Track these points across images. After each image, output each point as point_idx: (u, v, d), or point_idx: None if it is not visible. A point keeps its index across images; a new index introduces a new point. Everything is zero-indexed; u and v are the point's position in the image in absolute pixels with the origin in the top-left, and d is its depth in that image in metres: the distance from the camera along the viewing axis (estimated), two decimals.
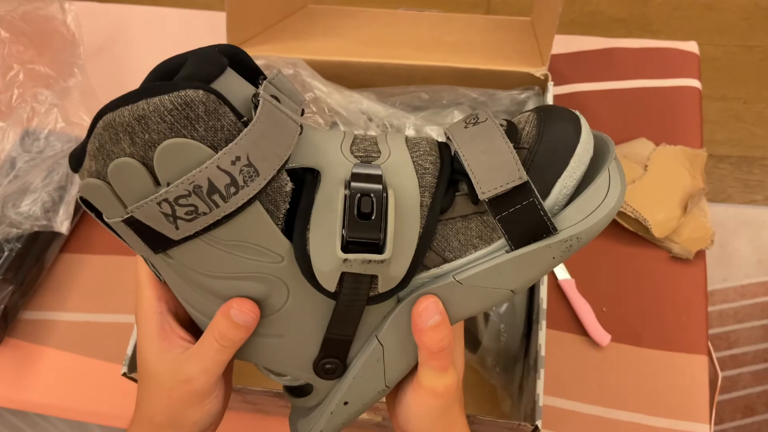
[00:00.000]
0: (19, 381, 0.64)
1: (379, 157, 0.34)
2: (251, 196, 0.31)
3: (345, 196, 0.32)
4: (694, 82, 0.75)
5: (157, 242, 0.32)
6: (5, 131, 0.64)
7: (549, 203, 0.33)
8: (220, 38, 0.65)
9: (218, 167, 0.29)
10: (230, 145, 0.29)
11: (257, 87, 0.32)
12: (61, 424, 1.21)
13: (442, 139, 0.38)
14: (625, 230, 0.67)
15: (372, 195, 0.32)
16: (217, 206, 0.30)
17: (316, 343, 0.36)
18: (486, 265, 0.34)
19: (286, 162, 0.32)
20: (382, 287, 0.33)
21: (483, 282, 0.34)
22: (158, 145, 0.29)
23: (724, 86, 1.45)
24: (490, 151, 0.33)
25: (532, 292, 0.56)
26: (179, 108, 0.29)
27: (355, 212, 0.32)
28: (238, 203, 0.30)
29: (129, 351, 0.51)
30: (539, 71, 0.62)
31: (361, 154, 0.34)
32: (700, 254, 0.66)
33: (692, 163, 0.69)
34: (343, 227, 0.31)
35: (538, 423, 0.47)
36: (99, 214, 0.33)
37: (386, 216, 0.32)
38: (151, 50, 0.81)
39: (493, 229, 0.34)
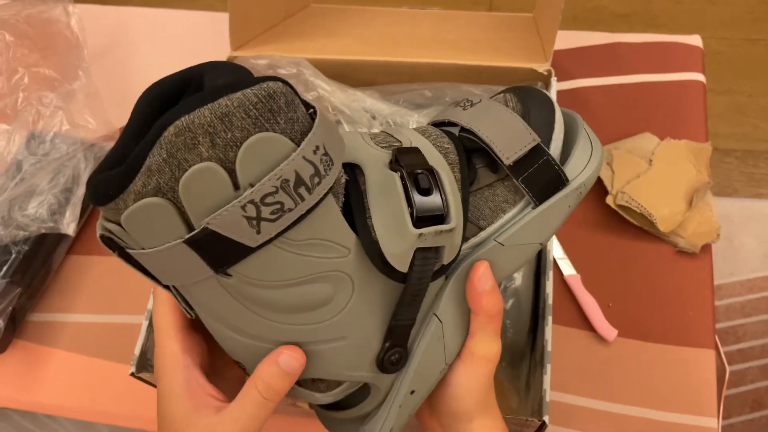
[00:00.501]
0: (28, 382, 0.65)
1: (402, 144, 0.36)
2: (331, 184, 0.30)
3: (401, 176, 0.33)
4: (699, 76, 0.75)
5: (224, 257, 0.29)
6: (11, 134, 0.64)
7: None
8: (223, 39, 0.65)
9: (304, 158, 0.29)
10: (310, 134, 0.29)
11: None
12: (69, 424, 1.21)
13: None
14: (630, 225, 0.67)
15: (427, 171, 0.33)
16: (303, 199, 0.29)
17: (380, 337, 0.35)
18: (519, 224, 0.37)
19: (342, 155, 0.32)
20: (447, 258, 0.34)
21: (519, 239, 0.37)
22: (240, 143, 0.28)
23: (728, 80, 1.44)
24: (502, 122, 0.37)
25: (538, 287, 0.56)
26: (264, 101, 0.28)
27: (416, 190, 0.33)
28: (320, 194, 0.30)
29: (137, 351, 0.51)
30: (542, 67, 0.62)
31: (384, 145, 0.36)
32: (706, 248, 0.66)
33: (697, 157, 0.69)
34: (409, 206, 0.32)
35: (546, 418, 0.47)
36: (121, 250, 0.32)
37: (443, 187, 0.33)
38: (154, 52, 0.81)
39: (515, 191, 0.37)
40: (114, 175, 0.28)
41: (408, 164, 0.33)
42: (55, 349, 0.66)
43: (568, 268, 0.65)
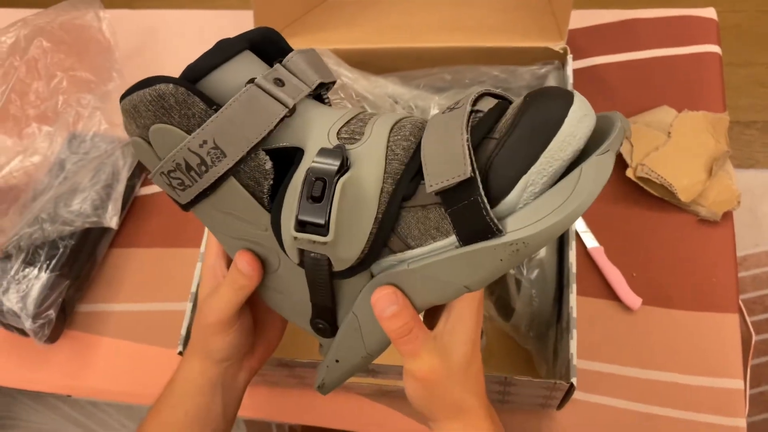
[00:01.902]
0: (80, 369, 0.68)
1: (359, 139, 0.35)
2: (220, 174, 0.35)
3: (304, 178, 0.34)
4: (714, 48, 0.76)
5: (177, 198, 0.38)
6: (53, 135, 0.68)
7: (509, 201, 0.32)
8: None
9: (189, 149, 0.35)
10: (197, 130, 0.35)
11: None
12: (110, 409, 1.26)
13: None
14: (651, 196, 0.68)
15: (324, 179, 0.34)
16: (196, 181, 0.36)
17: (309, 305, 0.40)
18: (437, 257, 0.34)
19: (260, 143, 0.35)
20: (336, 267, 0.36)
21: (435, 273, 0.34)
22: (149, 128, 0.35)
23: (747, 52, 1.43)
24: (445, 141, 0.33)
25: (561, 257, 0.58)
26: (155, 100, 0.34)
27: (308, 195, 0.34)
28: (210, 180, 0.36)
29: (183, 332, 0.54)
30: (558, 45, 0.64)
31: (345, 137, 0.36)
32: (728, 215, 0.67)
33: (715, 127, 0.70)
34: (297, 208, 0.34)
35: (573, 381, 0.49)
36: None
37: (332, 201, 0.33)
38: (181, 51, 0.84)
39: (447, 221, 0.34)
40: None
41: (314, 168, 0.34)
42: (103, 337, 0.69)
43: (591, 241, 0.67)
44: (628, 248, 0.66)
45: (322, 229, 0.34)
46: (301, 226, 0.34)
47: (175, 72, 0.37)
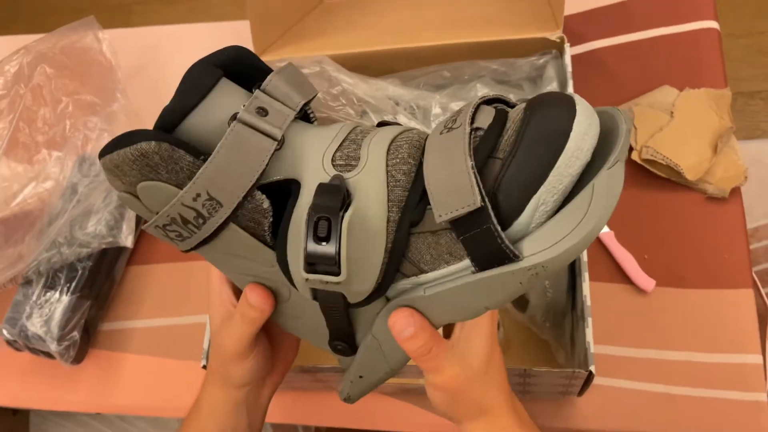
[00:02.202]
0: (107, 387, 0.70)
1: (356, 165, 0.34)
2: (220, 223, 0.34)
3: (307, 218, 0.33)
4: (712, 24, 0.76)
5: (178, 245, 0.37)
6: (63, 160, 0.69)
7: (521, 222, 0.31)
8: (246, 45, 0.68)
9: (182, 204, 0.34)
10: (188, 185, 0.33)
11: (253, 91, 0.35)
12: (140, 422, 1.28)
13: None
14: (658, 178, 0.68)
15: (328, 218, 0.33)
16: (194, 233, 0.35)
17: (326, 328, 0.40)
18: (453, 283, 0.33)
19: (255, 184, 0.34)
20: (352, 299, 0.36)
21: (452, 299, 0.34)
22: (136, 185, 0.34)
23: (746, 22, 1.42)
24: (450, 169, 0.32)
25: None
26: (138, 159, 0.32)
27: (314, 236, 0.33)
28: (210, 230, 0.35)
29: (205, 345, 0.55)
30: (554, 35, 0.64)
31: (341, 163, 0.34)
32: (736, 191, 0.67)
33: (718, 103, 0.70)
34: (304, 249, 0.33)
35: (592, 368, 0.49)
36: None
37: (341, 239, 0.32)
38: (183, 66, 0.84)
39: (459, 247, 0.33)
40: None
41: (316, 206, 0.33)
42: (127, 354, 0.71)
43: None
44: (639, 231, 0.67)
45: (334, 268, 0.33)
46: (310, 265, 0.34)
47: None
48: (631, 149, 0.69)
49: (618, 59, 0.76)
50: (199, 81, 0.34)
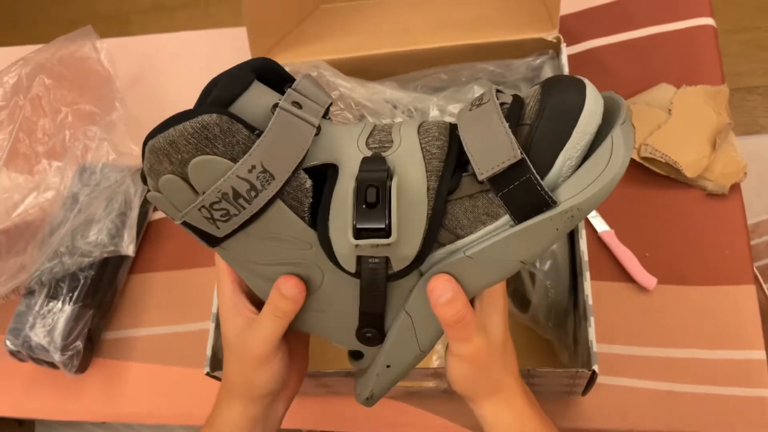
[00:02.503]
0: (112, 396, 0.70)
1: (391, 146, 0.38)
2: (270, 197, 0.36)
3: (354, 188, 0.36)
4: (708, 20, 0.76)
5: (208, 239, 0.38)
6: (64, 170, 0.69)
7: (552, 176, 0.35)
8: (244, 52, 0.69)
9: (237, 176, 0.35)
10: (245, 156, 0.35)
11: (283, 94, 0.37)
12: (144, 429, 1.28)
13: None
14: (657, 175, 0.68)
15: (376, 185, 0.35)
16: (244, 208, 0.36)
17: (355, 316, 0.41)
18: (494, 239, 0.36)
19: (301, 163, 0.36)
20: (395, 266, 0.37)
21: (493, 255, 0.37)
22: (188, 162, 0.35)
23: (743, 18, 1.42)
24: (487, 132, 0.36)
25: (573, 246, 0.58)
26: (199, 131, 0.34)
27: (363, 202, 0.35)
28: (260, 204, 0.36)
29: (208, 353, 0.55)
30: (551, 35, 0.64)
31: (375, 146, 0.38)
32: (735, 187, 0.67)
33: (715, 100, 0.70)
34: (354, 217, 0.35)
35: (595, 368, 0.49)
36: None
37: (389, 204, 0.35)
38: (181, 73, 0.85)
39: (499, 205, 0.36)
40: (142, 174, 0.37)
41: (363, 177, 0.36)
42: (131, 362, 0.71)
43: (601, 225, 0.67)
44: (639, 229, 0.67)
45: (382, 232, 0.35)
46: (359, 232, 0.36)
47: (179, 95, 0.38)
48: None
49: (614, 58, 0.76)
50: (241, 76, 0.37)
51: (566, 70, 0.62)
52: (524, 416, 0.42)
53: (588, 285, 0.53)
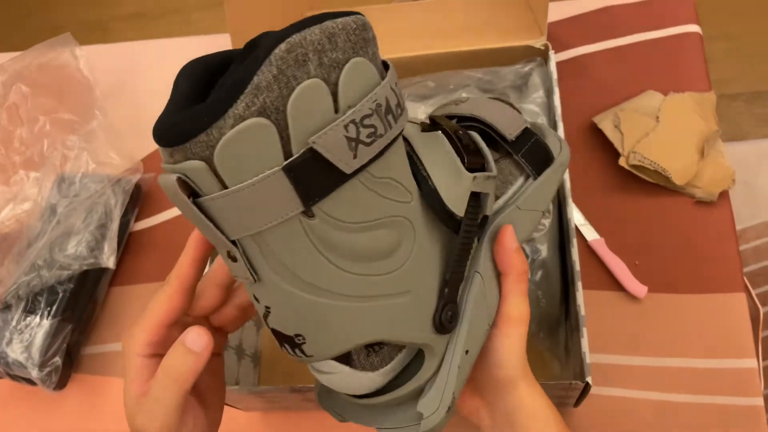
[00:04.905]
0: (91, 412, 0.68)
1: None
2: (407, 118, 0.33)
3: (451, 135, 0.38)
4: (694, 27, 0.76)
5: (317, 188, 0.29)
6: (42, 180, 0.67)
7: None
8: None
9: (391, 87, 0.30)
10: (391, 68, 0.31)
11: None
12: None
13: None
14: (646, 183, 0.68)
15: (462, 131, 0.39)
16: (390, 127, 0.30)
17: (436, 294, 0.36)
18: (528, 191, 0.42)
19: None
20: (489, 208, 0.38)
21: (530, 205, 0.42)
22: (341, 66, 0.28)
23: (725, 24, 1.44)
24: (497, 109, 0.44)
25: (564, 256, 0.57)
26: (360, 29, 0.29)
27: (461, 146, 0.37)
28: (401, 126, 0.31)
29: None
30: (539, 42, 0.64)
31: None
32: (724, 195, 0.67)
33: (702, 107, 0.70)
34: (462, 158, 0.37)
35: (589, 379, 0.48)
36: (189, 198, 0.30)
37: (478, 143, 0.39)
38: (162, 81, 0.83)
39: (516, 167, 0.42)
40: (209, 104, 0.27)
41: (447, 125, 0.38)
42: (112, 378, 0.69)
43: (591, 233, 0.66)
44: (629, 237, 0.66)
45: (483, 169, 0.38)
46: (471, 171, 0.37)
47: (160, 104, 0.32)
48: (618, 155, 0.68)
49: (602, 65, 0.76)
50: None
51: (555, 77, 0.61)
52: (550, 402, 0.39)
53: (580, 295, 0.52)
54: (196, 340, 0.32)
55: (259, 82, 0.27)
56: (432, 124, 0.39)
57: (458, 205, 0.36)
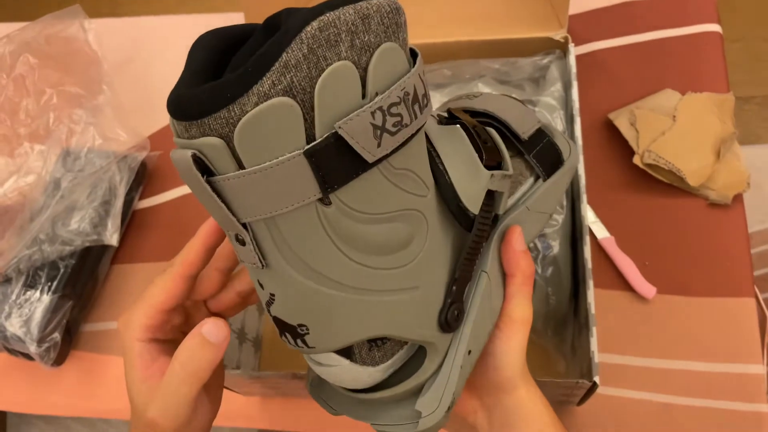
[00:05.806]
0: (88, 390, 0.67)
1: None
2: (432, 110, 0.32)
3: (468, 130, 0.37)
4: (714, 27, 0.75)
5: (337, 175, 0.28)
6: (46, 154, 0.66)
7: None
8: None
9: (419, 75, 0.29)
10: (419, 57, 0.30)
11: None
12: (122, 425, 1.25)
13: None
14: (660, 183, 0.67)
15: (479, 126, 0.38)
16: (416, 117, 0.29)
17: (443, 291, 0.35)
18: (538, 193, 0.41)
19: None
20: (501, 207, 0.38)
21: (538, 207, 0.41)
22: (373, 49, 0.27)
23: (742, 27, 1.42)
24: (510, 106, 0.42)
25: (575, 254, 0.57)
26: (393, 12, 0.28)
27: (482, 143, 0.37)
28: (426, 117, 0.30)
29: None
30: (559, 34, 0.63)
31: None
32: (738, 198, 0.66)
33: (720, 108, 0.69)
34: (479, 155, 0.36)
35: (596, 379, 0.48)
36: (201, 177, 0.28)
37: (495, 140, 0.38)
38: (171, 58, 0.82)
39: (527, 167, 0.41)
40: (232, 78, 0.25)
41: (465, 119, 0.37)
42: (110, 356, 0.68)
43: (602, 231, 0.65)
44: (640, 237, 0.65)
45: (500, 166, 0.37)
46: (489, 168, 0.36)
47: (169, 81, 0.31)
48: (633, 153, 0.67)
49: (620, 61, 0.74)
50: None
51: (574, 71, 0.60)
52: (549, 405, 0.38)
53: (591, 293, 0.51)
54: (214, 331, 0.31)
55: (288, 60, 0.25)
56: (449, 117, 0.38)
57: (474, 203, 0.35)
